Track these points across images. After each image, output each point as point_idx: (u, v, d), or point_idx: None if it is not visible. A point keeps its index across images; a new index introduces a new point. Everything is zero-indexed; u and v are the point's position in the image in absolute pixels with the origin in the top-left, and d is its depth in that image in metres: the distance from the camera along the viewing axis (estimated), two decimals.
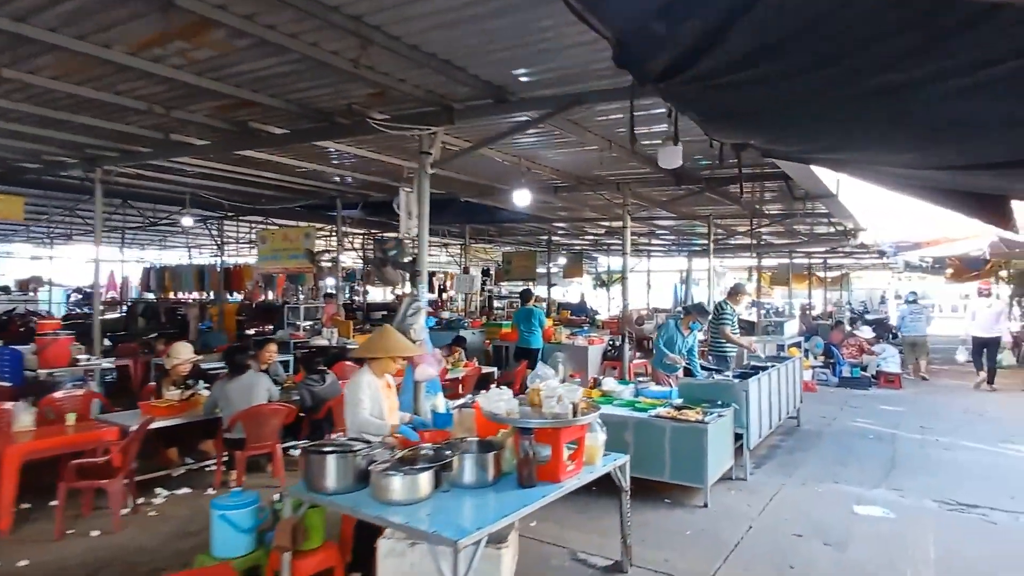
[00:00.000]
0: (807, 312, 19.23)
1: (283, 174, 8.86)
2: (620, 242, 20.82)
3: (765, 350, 10.53)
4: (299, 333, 11.78)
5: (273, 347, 6.81)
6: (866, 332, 12.06)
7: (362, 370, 4.28)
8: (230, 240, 18.60)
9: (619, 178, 8.16)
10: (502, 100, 4.70)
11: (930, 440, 7.23)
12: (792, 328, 10.88)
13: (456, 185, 9.11)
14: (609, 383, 6.22)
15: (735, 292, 8.31)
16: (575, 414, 3.44)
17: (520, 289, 14.64)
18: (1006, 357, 13.59)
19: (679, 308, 7.77)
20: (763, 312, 16.53)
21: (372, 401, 4.08)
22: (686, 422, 5.08)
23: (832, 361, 12.06)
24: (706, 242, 16.16)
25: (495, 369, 9.02)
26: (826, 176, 6.46)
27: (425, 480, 2.99)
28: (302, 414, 5.91)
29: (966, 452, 6.75)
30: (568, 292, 39.88)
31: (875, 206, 11.18)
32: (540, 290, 24.89)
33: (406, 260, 5.00)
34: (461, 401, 4.78)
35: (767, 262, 24.41)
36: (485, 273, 24.82)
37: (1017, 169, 2.98)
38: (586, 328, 11.61)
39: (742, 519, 4.79)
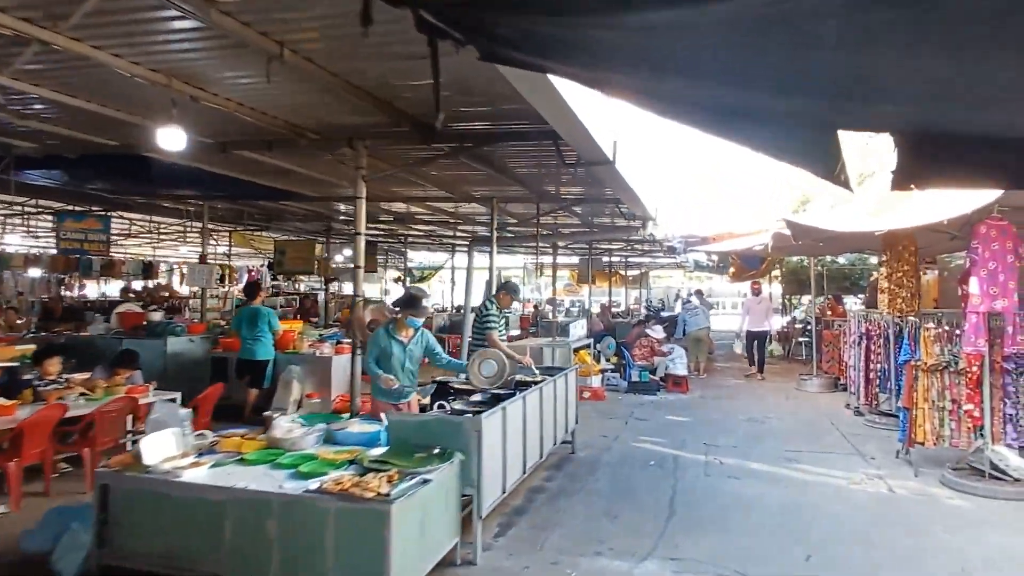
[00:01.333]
0: (607, 310, 18.83)
1: None
2: (419, 233, 19.10)
3: (554, 356, 9.13)
4: None
5: None
6: (657, 332, 11.33)
7: None
8: None
9: (351, 131, 5.99)
10: None
11: (714, 464, 6.09)
12: (579, 329, 9.65)
13: (105, 127, 6.23)
14: (281, 425, 3.99)
15: (504, 290, 6.61)
16: None
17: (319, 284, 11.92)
18: (775, 348, 14.69)
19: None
20: (568, 310, 15.59)
21: None
22: (359, 501, 3.03)
23: (624, 364, 11.14)
24: (508, 233, 14.90)
25: (179, 395, 6.31)
26: (598, 132, 4.91)
27: None
28: None
29: (752, 480, 5.64)
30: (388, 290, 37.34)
31: (664, 198, 10.44)
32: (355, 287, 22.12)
33: None
34: None
35: (571, 259, 24.19)
36: (271, 266, 21.53)
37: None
38: (339, 333, 9.32)
39: None
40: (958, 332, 5.67)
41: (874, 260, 15.52)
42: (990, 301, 4.82)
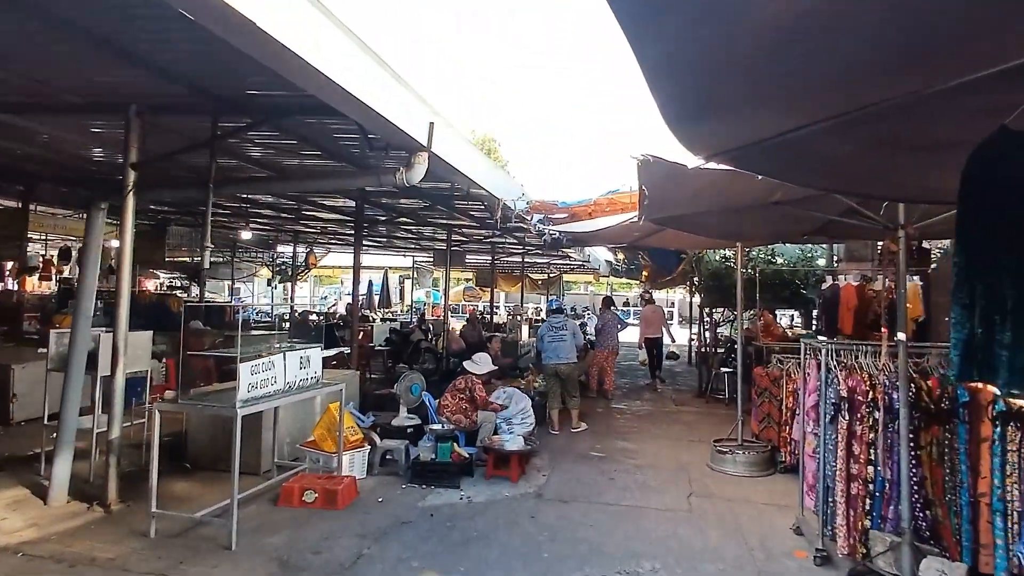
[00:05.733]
0: (476, 320, 14.19)
1: None
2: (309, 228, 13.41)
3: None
4: None
5: None
6: (481, 364, 6.70)
7: None
8: None
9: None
10: None
11: None
12: (301, 370, 4.78)
13: None
14: None
15: None
16: None
17: None
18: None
19: None
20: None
21: None
22: None
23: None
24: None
25: None
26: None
27: None
28: None
29: None
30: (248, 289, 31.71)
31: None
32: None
33: None
34: None
35: (475, 258, 19.57)
36: None
37: None
38: None
39: None
40: None
41: (822, 262, 11.61)
42: None
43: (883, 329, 4.02)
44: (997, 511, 3.47)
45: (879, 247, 9.35)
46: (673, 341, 13.54)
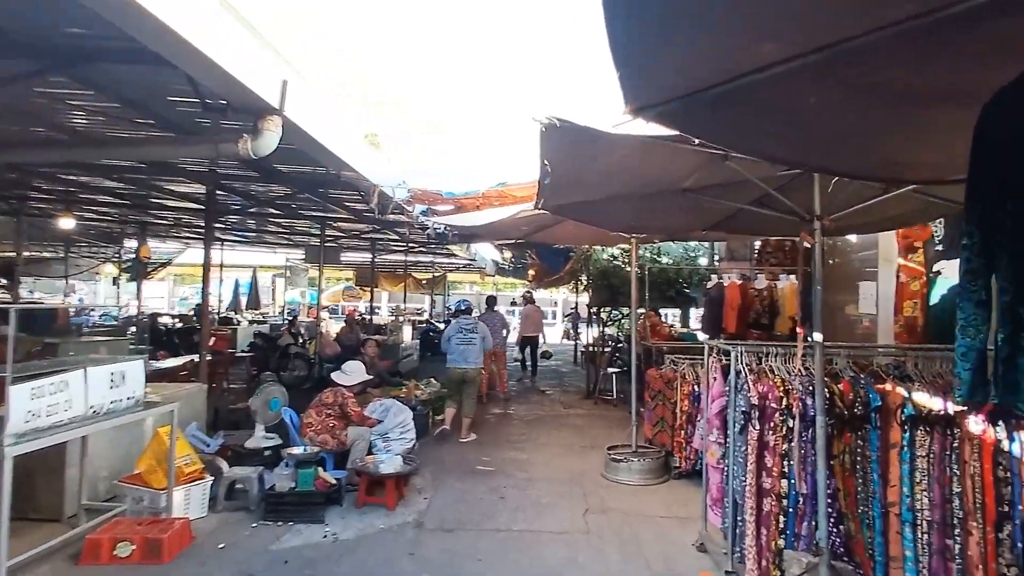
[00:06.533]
0: (354, 321, 13.13)
1: None
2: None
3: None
4: None
5: None
6: (352, 373, 5.85)
7: None
8: None
9: None
10: None
11: None
12: (130, 377, 3.72)
13: None
14: None
15: None
16: None
17: None
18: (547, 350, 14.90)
19: None
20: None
21: None
22: None
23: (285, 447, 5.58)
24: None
25: None
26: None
27: None
28: None
29: None
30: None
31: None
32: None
33: None
34: None
35: (353, 256, 18.24)
36: None
37: None
38: None
39: None
40: None
41: (704, 261, 11.87)
42: None
43: (799, 330, 3.74)
44: (906, 521, 3.26)
45: (756, 246, 9.67)
46: (544, 340, 14.12)
